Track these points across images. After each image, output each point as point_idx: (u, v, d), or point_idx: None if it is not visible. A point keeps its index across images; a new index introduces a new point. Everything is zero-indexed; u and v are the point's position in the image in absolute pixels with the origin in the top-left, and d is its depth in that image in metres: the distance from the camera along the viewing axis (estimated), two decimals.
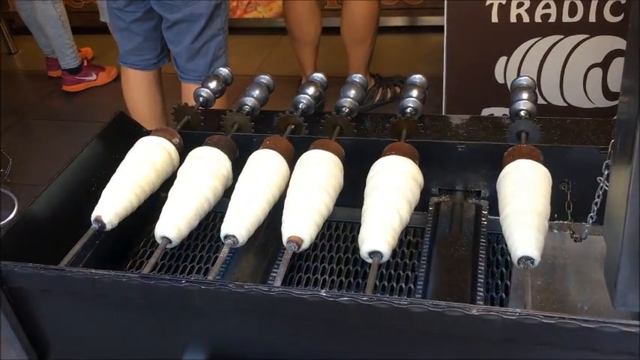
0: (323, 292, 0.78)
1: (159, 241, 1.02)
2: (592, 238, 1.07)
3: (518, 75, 2.08)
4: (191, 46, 2.04)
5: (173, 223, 1.01)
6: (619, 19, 1.97)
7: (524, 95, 1.14)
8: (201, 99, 1.37)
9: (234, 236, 1.01)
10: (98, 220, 1.04)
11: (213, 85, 1.38)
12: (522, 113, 1.14)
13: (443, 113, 2.17)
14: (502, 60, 2.11)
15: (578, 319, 0.70)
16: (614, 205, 0.71)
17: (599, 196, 0.96)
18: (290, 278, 1.18)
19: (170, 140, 1.19)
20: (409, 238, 1.22)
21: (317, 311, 0.79)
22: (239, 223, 1.02)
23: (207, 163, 1.12)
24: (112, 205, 1.06)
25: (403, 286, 1.13)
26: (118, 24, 2.18)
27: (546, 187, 1.00)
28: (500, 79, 2.13)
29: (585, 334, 0.70)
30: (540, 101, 2.14)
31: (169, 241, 1.01)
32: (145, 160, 1.14)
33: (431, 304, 0.75)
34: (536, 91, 1.18)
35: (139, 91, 2.30)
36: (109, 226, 1.05)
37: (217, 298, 0.82)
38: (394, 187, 1.01)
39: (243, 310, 0.84)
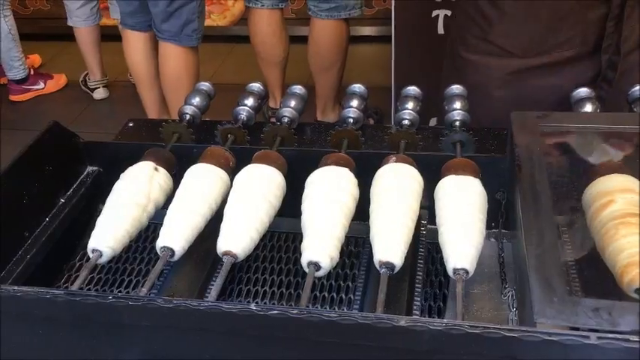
0: (252, 306, 0.77)
1: (90, 254, 0.99)
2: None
3: None
4: (166, 9, 2.45)
5: (105, 236, 0.99)
6: None
7: (457, 105, 1.16)
8: (187, 116, 1.33)
9: (170, 248, 0.99)
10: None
11: (197, 101, 1.35)
12: (457, 123, 1.16)
13: (392, 123, 2.19)
14: None
15: (502, 328, 0.71)
16: (515, 219, 0.73)
17: None
18: (230, 290, 1.17)
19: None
20: (350, 248, 1.22)
21: (247, 325, 0.78)
22: (175, 235, 1.00)
23: (145, 176, 1.10)
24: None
25: (343, 296, 1.13)
26: None
27: (481, 198, 1.02)
28: None
29: (509, 344, 0.72)
30: None
31: (101, 254, 0.98)
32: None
33: (360, 316, 0.75)
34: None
35: (137, 51, 2.71)
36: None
37: (146, 313, 0.80)
38: (328, 198, 1.01)
39: (173, 326, 0.82)
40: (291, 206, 1.10)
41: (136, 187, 1.07)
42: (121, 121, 1.53)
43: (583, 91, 1.23)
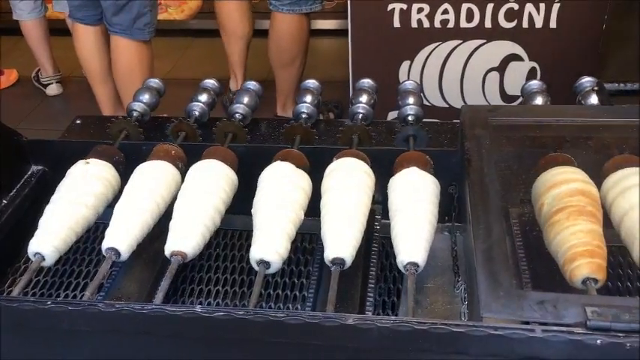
0: (198, 308, 0.75)
1: (32, 258, 0.95)
2: None
3: (421, 79, 2.14)
4: (117, 2, 2.38)
5: (45, 238, 0.95)
6: (513, 24, 2.05)
7: (410, 100, 1.16)
8: (135, 113, 1.29)
9: (115, 249, 0.96)
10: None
11: (146, 98, 1.31)
12: (410, 118, 1.15)
13: None
14: (405, 64, 2.15)
15: (449, 323, 0.71)
16: (464, 214, 0.73)
17: None
18: (182, 290, 1.14)
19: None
20: (305, 244, 1.21)
21: (193, 328, 0.76)
22: (120, 235, 0.97)
23: (79, 171, 1.07)
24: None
25: (297, 293, 1.12)
26: None
27: (433, 193, 1.02)
28: None
29: (457, 339, 0.71)
30: (442, 104, 2.20)
31: (43, 257, 0.94)
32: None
33: (307, 315, 0.74)
34: (422, 94, 1.20)
35: (87, 46, 2.65)
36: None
37: (87, 318, 0.77)
38: (279, 195, 0.99)
39: (116, 331, 0.79)
40: (244, 203, 1.08)
41: (72, 184, 1.04)
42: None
43: (534, 84, 1.24)
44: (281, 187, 1.00)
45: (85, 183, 1.05)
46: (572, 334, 0.69)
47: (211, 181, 1.05)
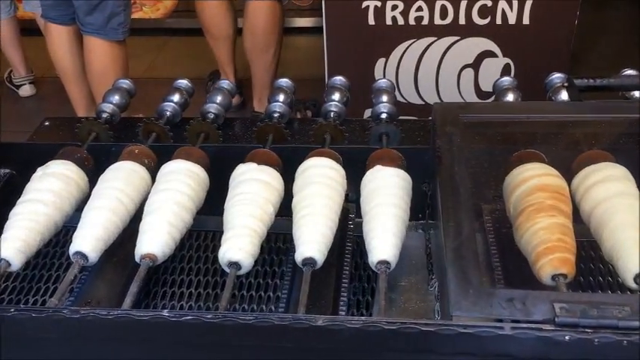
0: (165, 312, 0.74)
1: None
2: None
3: (397, 76, 2.14)
4: (90, 1, 2.36)
5: (8, 242, 0.93)
6: (486, 21, 2.06)
7: (384, 98, 1.16)
8: (105, 114, 1.27)
9: (82, 253, 0.94)
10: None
11: (116, 99, 1.29)
12: (383, 116, 1.15)
13: None
14: (381, 61, 2.15)
15: (419, 323, 0.71)
16: (435, 213, 0.72)
17: None
18: (154, 293, 1.13)
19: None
20: (279, 244, 1.20)
21: (161, 333, 0.75)
22: (87, 238, 0.95)
23: (49, 172, 1.05)
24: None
25: (271, 294, 1.11)
26: None
27: (405, 191, 1.01)
28: None
29: (427, 338, 0.71)
30: (418, 101, 2.20)
31: (8, 263, 0.92)
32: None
33: (277, 317, 0.73)
34: (396, 92, 1.19)
35: (60, 46, 2.62)
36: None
37: (52, 325, 0.76)
38: (249, 195, 0.98)
39: (82, 338, 0.78)
40: (218, 204, 1.06)
41: (30, 186, 1.03)
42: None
43: (505, 80, 1.25)
44: (250, 187, 0.99)
45: (42, 181, 1.03)
46: (541, 330, 0.69)
47: (180, 180, 1.03)
